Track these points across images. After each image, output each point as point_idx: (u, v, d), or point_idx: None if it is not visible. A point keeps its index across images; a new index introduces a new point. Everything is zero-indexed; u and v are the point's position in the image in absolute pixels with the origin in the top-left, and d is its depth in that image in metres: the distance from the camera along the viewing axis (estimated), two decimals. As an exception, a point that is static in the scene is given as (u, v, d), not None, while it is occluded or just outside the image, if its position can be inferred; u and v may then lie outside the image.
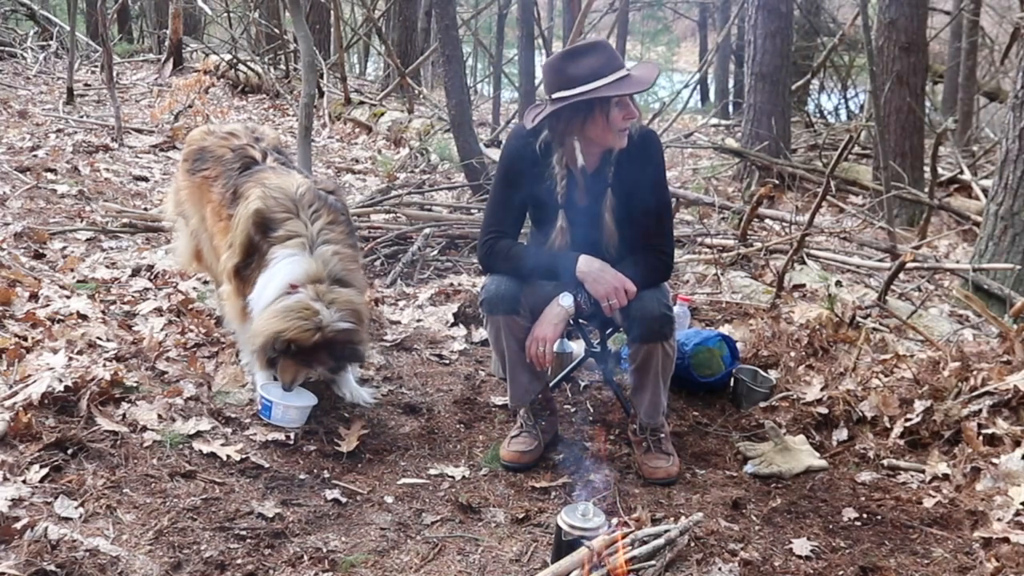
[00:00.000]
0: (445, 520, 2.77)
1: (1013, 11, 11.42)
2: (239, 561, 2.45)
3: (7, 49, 13.41)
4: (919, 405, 3.23)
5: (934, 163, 5.90)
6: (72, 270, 4.56)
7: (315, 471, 2.99)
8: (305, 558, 2.50)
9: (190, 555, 2.45)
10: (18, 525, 2.36)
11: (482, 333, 4.17)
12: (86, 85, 11.59)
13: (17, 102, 9.76)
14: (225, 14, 15.58)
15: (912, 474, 3.06)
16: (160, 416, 3.10)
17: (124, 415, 3.07)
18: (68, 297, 4.04)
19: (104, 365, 3.32)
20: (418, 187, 6.76)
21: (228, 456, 2.96)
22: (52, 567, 2.26)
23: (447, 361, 4.00)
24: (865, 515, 2.85)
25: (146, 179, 7.14)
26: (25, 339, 3.46)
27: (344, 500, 2.83)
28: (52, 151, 7.51)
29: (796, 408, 3.47)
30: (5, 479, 2.59)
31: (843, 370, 3.57)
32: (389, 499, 2.87)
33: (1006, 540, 2.61)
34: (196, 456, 2.96)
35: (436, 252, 5.34)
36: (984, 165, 8.51)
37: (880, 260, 5.46)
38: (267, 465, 2.98)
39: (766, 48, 8.24)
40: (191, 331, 3.85)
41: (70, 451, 2.80)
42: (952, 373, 3.29)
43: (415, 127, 9.41)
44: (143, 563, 2.38)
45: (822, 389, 3.49)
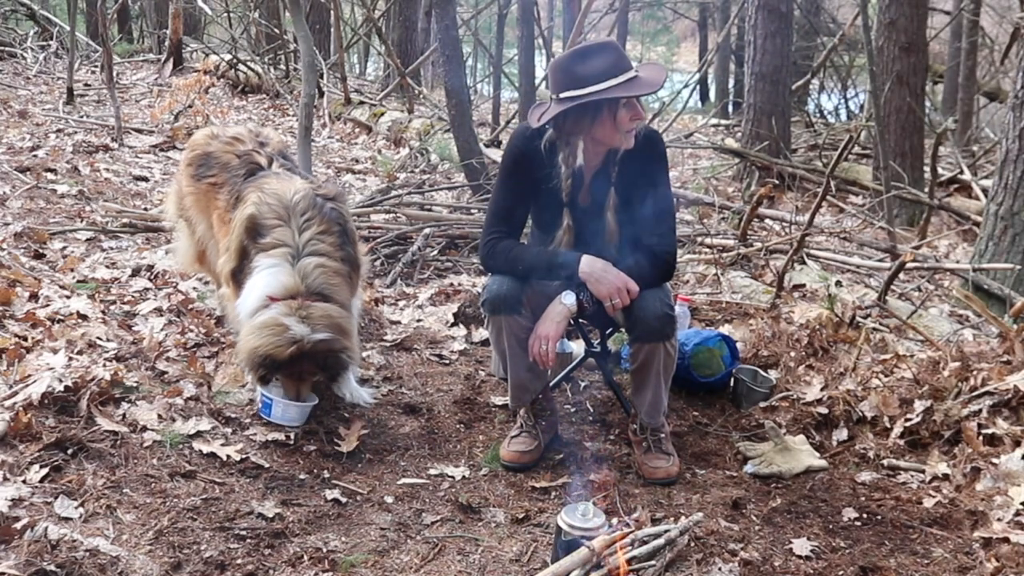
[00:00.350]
0: (445, 520, 2.77)
1: (1013, 11, 11.42)
2: (239, 561, 2.45)
3: (7, 49, 13.41)
4: (919, 405, 3.23)
5: (934, 163, 5.90)
6: (72, 270, 4.57)
7: (315, 471, 2.98)
8: (305, 558, 2.50)
9: (190, 555, 2.45)
10: (18, 525, 2.36)
11: (482, 333, 4.17)
12: (86, 85, 11.59)
13: (17, 102, 9.76)
14: (225, 14, 15.59)
15: (912, 474, 3.06)
16: (160, 416, 3.10)
17: (124, 415, 3.07)
18: (68, 297, 4.04)
19: (104, 365, 3.32)
20: (418, 187, 6.76)
21: (228, 456, 2.96)
22: (52, 567, 2.26)
23: (447, 361, 4.00)
24: (865, 515, 2.85)
25: (146, 179, 7.15)
26: (25, 339, 3.46)
27: (344, 500, 2.83)
28: (52, 151, 7.51)
29: (796, 408, 3.47)
30: (5, 479, 2.59)
31: (843, 370, 3.57)
32: (389, 499, 2.87)
33: (1006, 540, 2.61)
34: (196, 456, 2.96)
35: (436, 252, 5.34)
36: (984, 165, 8.51)
37: (880, 260, 5.46)
38: (267, 465, 2.98)
39: (766, 48, 8.24)
40: (191, 331, 3.85)
41: (70, 451, 2.80)
42: (952, 373, 3.29)
43: (415, 127, 9.41)
44: (143, 563, 2.38)
45: (822, 389, 3.49)
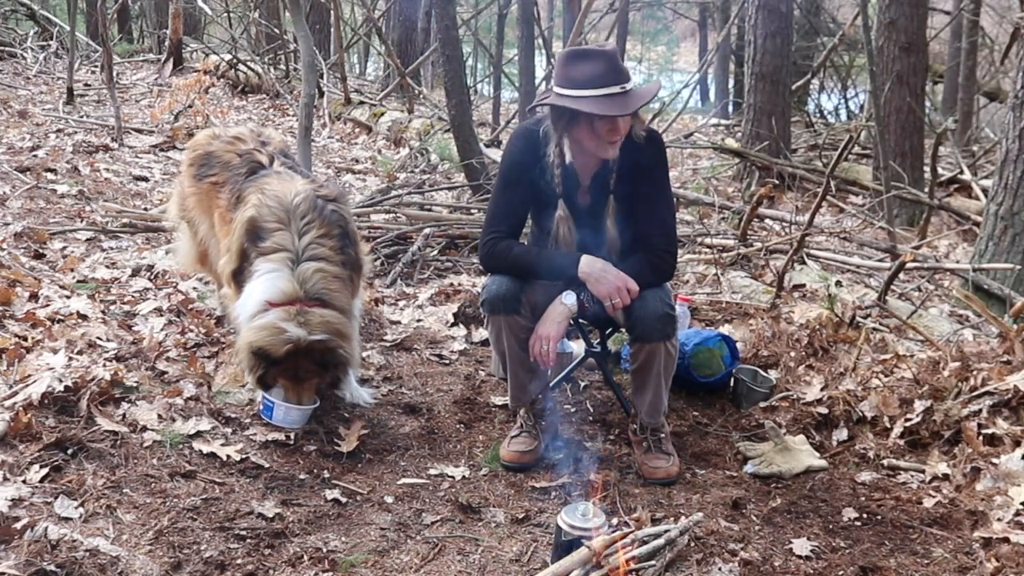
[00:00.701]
0: (445, 520, 2.77)
1: (1013, 11, 11.42)
2: (239, 561, 2.45)
3: (7, 49, 13.41)
4: (919, 405, 3.23)
5: (934, 163, 5.90)
6: (72, 270, 4.57)
7: (315, 471, 2.98)
8: (305, 558, 2.50)
9: (190, 555, 2.45)
10: (18, 525, 2.36)
11: (482, 333, 4.17)
12: (86, 85, 11.59)
13: (17, 102, 9.76)
14: (225, 14, 15.60)
15: (912, 474, 3.06)
16: (160, 416, 3.10)
17: (124, 415, 3.07)
18: (68, 297, 4.04)
19: (104, 365, 3.32)
20: (418, 187, 6.76)
21: (228, 456, 2.96)
22: (52, 567, 2.26)
23: (447, 361, 4.00)
24: (865, 515, 2.85)
25: (146, 179, 7.15)
26: (25, 339, 3.46)
27: (344, 500, 2.83)
28: (52, 151, 7.51)
29: (796, 408, 3.47)
30: (5, 479, 2.59)
31: (843, 370, 3.57)
32: (389, 499, 2.87)
33: (1006, 540, 2.61)
34: (196, 456, 2.96)
35: (436, 252, 5.34)
36: (984, 165, 8.51)
37: (880, 260, 5.46)
38: (267, 465, 2.98)
39: (766, 48, 8.24)
40: (191, 331, 3.85)
41: (70, 451, 2.80)
42: (952, 373, 3.29)
43: (415, 127, 9.41)
44: (143, 563, 2.38)
45: (822, 389, 3.49)
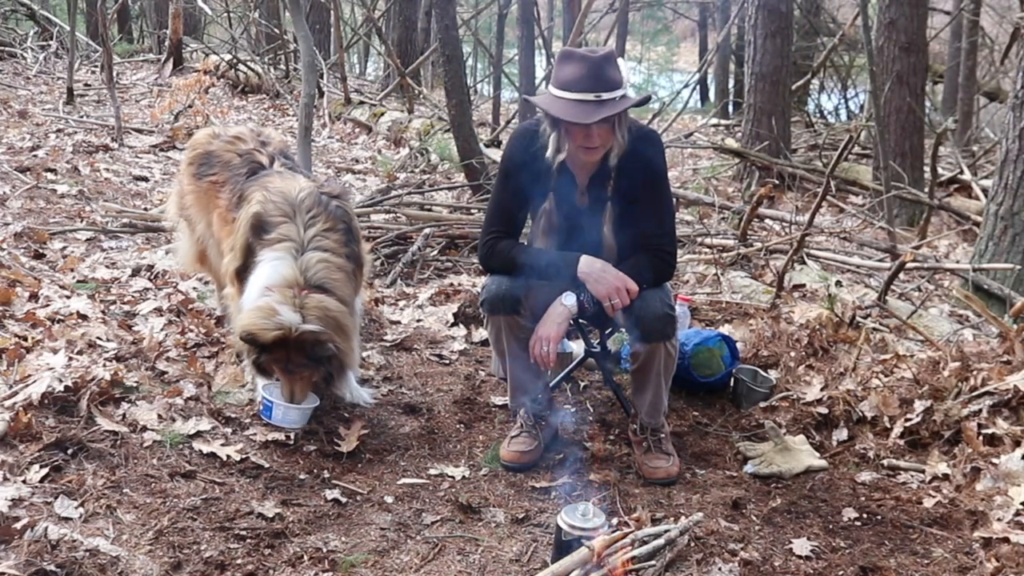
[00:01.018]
0: (445, 520, 2.77)
1: (1013, 11, 11.42)
2: (239, 561, 2.45)
3: (7, 49, 13.41)
4: (919, 405, 3.23)
5: (934, 163, 5.90)
6: (72, 270, 4.57)
7: (315, 471, 2.98)
8: (305, 558, 2.50)
9: (190, 555, 2.45)
10: (18, 525, 2.36)
11: (482, 333, 4.17)
12: (86, 85, 11.59)
13: (17, 102, 9.76)
14: (225, 14, 15.60)
15: (912, 474, 3.06)
16: (160, 416, 3.10)
17: (124, 415, 3.07)
18: (68, 297, 4.04)
19: (104, 365, 3.32)
20: (418, 187, 6.76)
21: (228, 456, 2.96)
22: (52, 567, 2.26)
23: (447, 361, 4.00)
24: (865, 515, 2.85)
25: (146, 179, 7.15)
26: (25, 339, 3.46)
27: (344, 500, 2.83)
28: (52, 151, 7.51)
29: (796, 408, 3.47)
30: (5, 479, 2.59)
31: (843, 370, 3.57)
32: (389, 499, 2.87)
33: (1006, 540, 2.61)
34: (196, 456, 2.96)
35: (436, 252, 5.34)
36: (984, 165, 8.51)
37: (880, 260, 5.46)
38: (267, 465, 2.98)
39: (766, 48, 8.23)
40: (191, 331, 3.85)
41: (70, 451, 2.80)
42: (952, 373, 3.29)
43: (415, 127, 9.41)
44: (143, 563, 2.38)
45: (822, 389, 3.49)
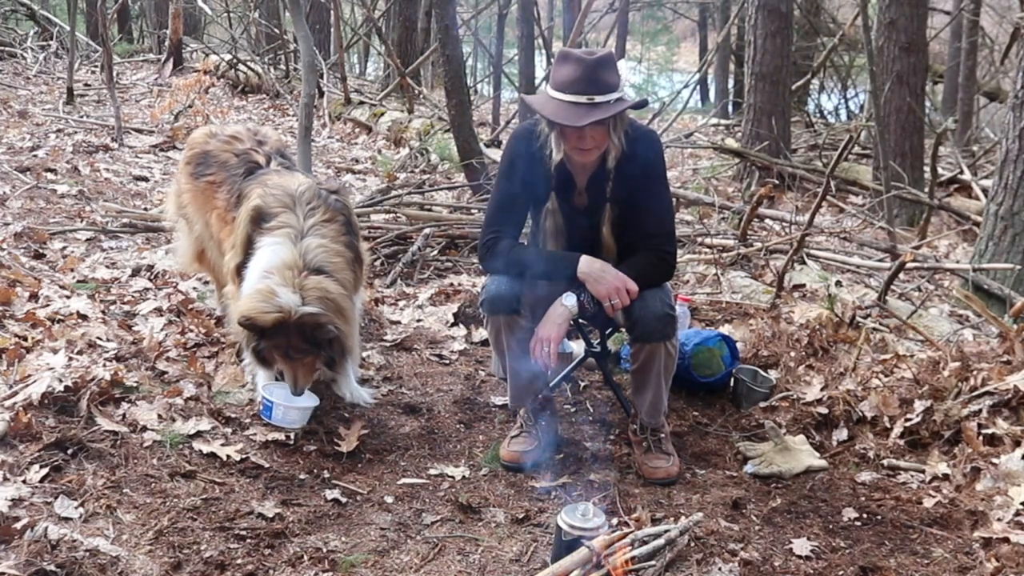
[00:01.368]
0: (445, 520, 2.77)
1: (1013, 11, 11.42)
2: (239, 561, 2.45)
3: (7, 49, 13.42)
4: (919, 405, 3.23)
5: (934, 163, 5.90)
6: (72, 270, 4.57)
7: (315, 471, 2.98)
8: (305, 558, 2.50)
9: (190, 555, 2.45)
10: (18, 525, 2.36)
11: (482, 333, 4.17)
12: (86, 85, 11.59)
13: (17, 102, 9.77)
14: (225, 14, 15.60)
15: (912, 474, 3.06)
16: (160, 416, 3.10)
17: (124, 415, 3.07)
18: (68, 297, 4.04)
19: (104, 365, 3.32)
20: (418, 187, 6.75)
21: (228, 456, 2.96)
22: (52, 567, 2.26)
23: (447, 361, 4.00)
24: (865, 515, 2.85)
25: (146, 179, 7.15)
26: (25, 339, 3.46)
27: (344, 500, 2.83)
28: (52, 151, 7.51)
29: (796, 408, 3.47)
30: (5, 479, 2.59)
31: (843, 370, 3.57)
32: (389, 499, 2.87)
33: (1006, 540, 2.61)
34: (196, 456, 2.96)
35: (436, 252, 5.34)
36: (984, 165, 8.51)
37: (880, 260, 5.46)
38: (267, 465, 2.98)
39: (766, 48, 8.24)
40: (191, 331, 3.85)
41: (70, 451, 2.80)
42: (952, 373, 3.29)
43: (415, 127, 9.41)
44: (143, 563, 2.38)
45: (822, 389, 3.49)
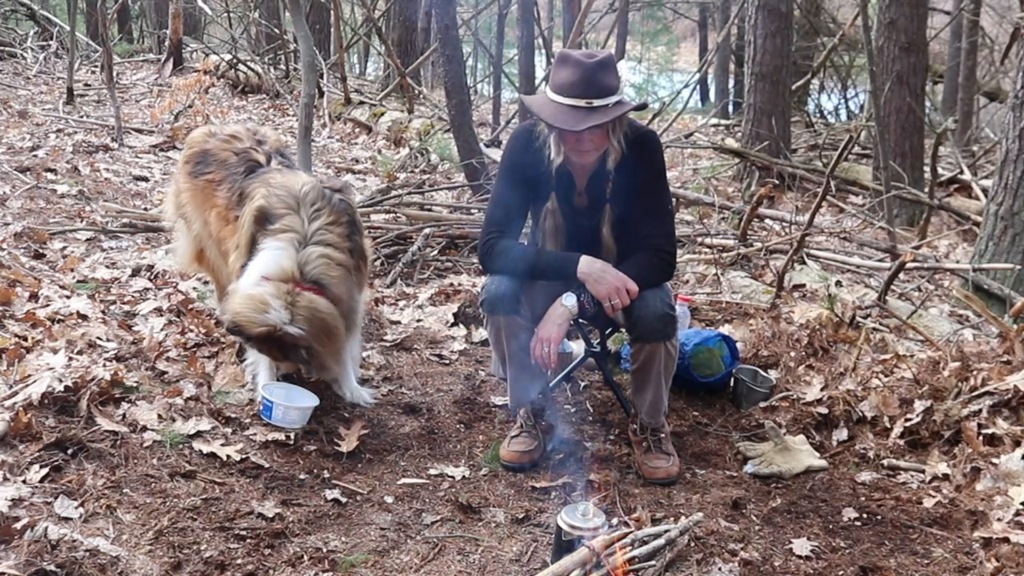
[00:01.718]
0: (445, 520, 2.77)
1: (1013, 11, 11.42)
2: (239, 561, 2.45)
3: (7, 49, 13.42)
4: (919, 405, 3.23)
5: (934, 163, 5.90)
6: (72, 270, 4.57)
7: (315, 471, 2.98)
8: (305, 558, 2.50)
9: (190, 555, 2.45)
10: (18, 525, 2.36)
11: (482, 333, 4.17)
12: (86, 85, 11.59)
13: (17, 102, 9.77)
14: (225, 14, 15.60)
15: (912, 474, 3.06)
16: (160, 416, 3.10)
17: (124, 415, 3.07)
18: (68, 297, 4.04)
19: (104, 365, 3.32)
20: (418, 187, 6.75)
21: (228, 456, 2.96)
22: (52, 567, 2.26)
23: (447, 361, 4.00)
24: (865, 515, 2.85)
25: (146, 179, 7.15)
26: (25, 339, 3.46)
27: (344, 500, 2.83)
28: (52, 151, 7.51)
29: (796, 408, 3.47)
30: (5, 479, 2.59)
31: (843, 370, 3.57)
32: (389, 499, 2.87)
33: (1006, 540, 2.61)
34: (196, 456, 2.96)
35: (436, 252, 5.34)
36: (984, 165, 8.51)
37: (880, 260, 5.46)
38: (267, 465, 2.98)
39: (766, 48, 8.24)
40: (191, 331, 3.84)
41: (70, 451, 2.80)
42: (952, 373, 3.29)
43: (415, 127, 9.41)
44: (143, 563, 2.38)
45: (822, 389, 3.49)
